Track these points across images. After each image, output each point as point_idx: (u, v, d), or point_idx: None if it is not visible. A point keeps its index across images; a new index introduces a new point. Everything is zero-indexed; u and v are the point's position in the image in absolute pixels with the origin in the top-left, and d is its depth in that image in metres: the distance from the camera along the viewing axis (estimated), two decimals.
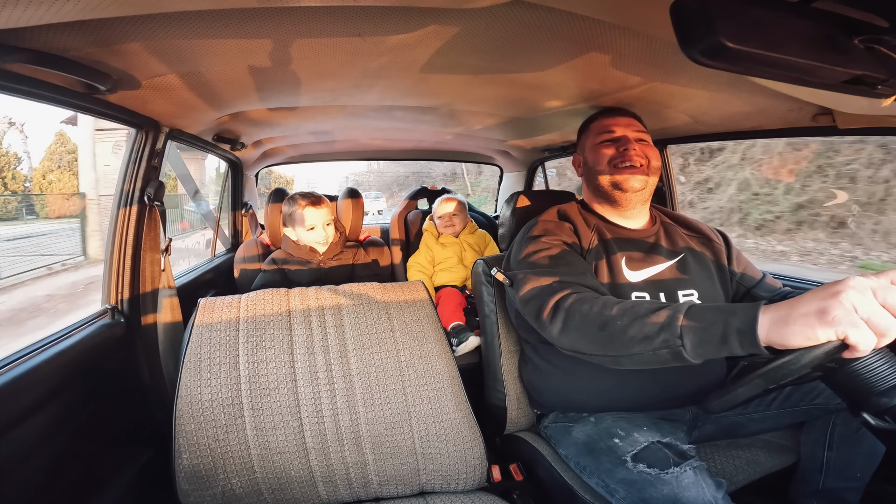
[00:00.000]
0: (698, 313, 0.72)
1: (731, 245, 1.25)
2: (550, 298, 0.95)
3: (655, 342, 0.74)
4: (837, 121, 1.14)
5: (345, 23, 0.84)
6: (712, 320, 0.69)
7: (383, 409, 1.09)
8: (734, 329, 0.65)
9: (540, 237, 1.13)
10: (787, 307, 0.61)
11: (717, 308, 0.71)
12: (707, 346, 0.69)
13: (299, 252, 1.83)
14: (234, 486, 1.00)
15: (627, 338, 0.78)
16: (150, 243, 1.38)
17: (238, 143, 1.99)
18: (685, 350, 0.71)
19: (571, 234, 1.16)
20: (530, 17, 0.80)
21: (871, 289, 0.56)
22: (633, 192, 1.15)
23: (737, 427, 1.16)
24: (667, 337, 0.73)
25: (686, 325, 0.71)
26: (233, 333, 1.12)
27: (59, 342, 1.10)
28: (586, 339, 0.86)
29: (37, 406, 0.97)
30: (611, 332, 0.81)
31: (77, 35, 0.79)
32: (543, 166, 2.86)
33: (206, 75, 1.08)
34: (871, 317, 0.54)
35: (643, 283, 1.11)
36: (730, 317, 0.67)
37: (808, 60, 0.56)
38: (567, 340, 0.89)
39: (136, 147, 1.33)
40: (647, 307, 0.79)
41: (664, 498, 0.85)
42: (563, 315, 0.90)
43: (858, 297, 0.55)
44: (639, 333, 0.77)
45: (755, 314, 0.64)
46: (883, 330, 0.54)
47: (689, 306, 0.74)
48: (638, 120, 1.22)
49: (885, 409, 0.60)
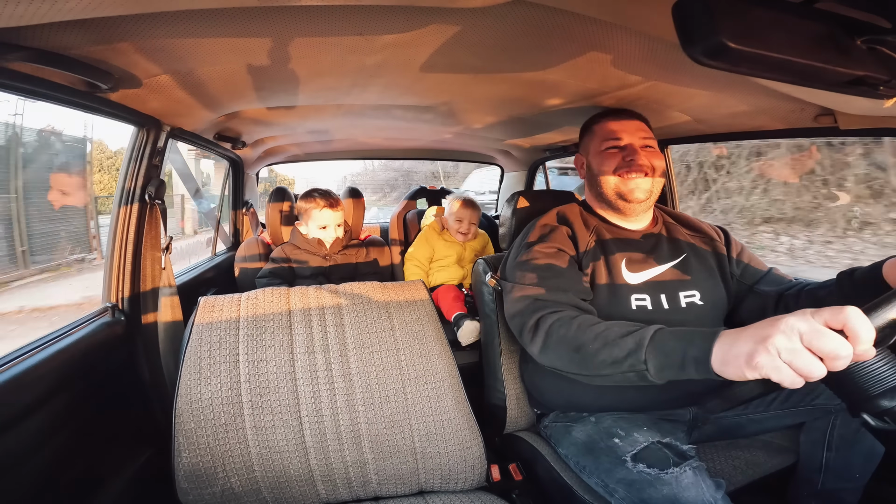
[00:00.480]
0: (661, 341, 0.78)
1: (732, 241, 1.24)
2: (531, 318, 1.01)
3: (623, 366, 0.81)
4: (839, 121, 1.13)
5: (345, 21, 0.84)
6: (672, 348, 0.75)
7: (383, 409, 1.09)
8: (691, 358, 0.71)
9: (533, 245, 1.14)
10: (730, 342, 0.66)
11: (679, 335, 0.76)
12: (668, 370, 0.76)
13: (307, 244, 1.95)
14: (234, 485, 1.00)
15: (598, 361, 0.85)
16: (150, 241, 1.38)
17: (239, 141, 1.99)
18: (649, 374, 0.78)
19: (567, 239, 1.16)
20: (531, 16, 0.80)
21: (798, 333, 0.57)
22: (637, 203, 1.15)
23: (737, 428, 1.16)
24: (633, 362, 0.79)
25: (650, 351, 0.78)
26: (233, 332, 1.12)
27: (60, 340, 1.10)
28: (562, 359, 0.94)
29: (37, 404, 0.97)
30: (584, 356, 0.88)
31: (79, 33, 0.79)
32: (544, 166, 2.86)
33: (208, 74, 1.08)
34: (793, 360, 0.57)
35: (643, 285, 1.11)
36: (688, 346, 0.72)
37: (811, 61, 0.56)
38: (546, 359, 0.98)
39: (137, 145, 1.33)
40: (617, 332, 0.85)
41: (664, 498, 0.85)
42: (542, 335, 0.97)
43: (784, 341, 0.58)
44: (608, 357, 0.83)
45: (710, 346, 0.68)
46: (805, 373, 0.57)
47: (655, 332, 0.79)
48: (645, 122, 1.21)
49: (885, 410, 0.60)
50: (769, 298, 1.13)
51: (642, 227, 1.22)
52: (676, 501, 0.84)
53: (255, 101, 1.42)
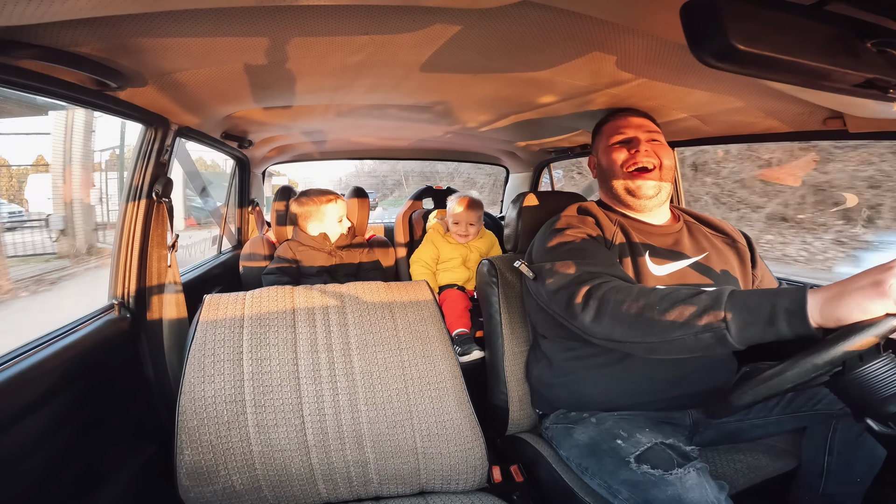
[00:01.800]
0: (742, 296, 0.71)
1: (755, 248, 1.24)
2: (582, 287, 0.94)
3: (697, 326, 0.73)
4: (848, 125, 1.12)
5: (353, 21, 0.84)
6: (758, 302, 0.68)
7: (385, 408, 1.09)
8: (782, 309, 0.65)
9: (564, 230, 1.13)
10: (840, 285, 0.62)
11: (761, 291, 0.71)
12: (753, 328, 0.68)
13: (311, 241, 1.97)
14: (235, 483, 1.00)
15: (667, 322, 0.77)
16: (157, 239, 1.39)
17: (246, 140, 2.00)
18: (730, 334, 0.70)
19: (595, 227, 1.15)
20: (537, 17, 0.80)
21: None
22: (647, 199, 1.15)
23: (738, 433, 1.15)
24: (710, 320, 0.72)
25: (730, 307, 0.71)
26: (237, 330, 1.12)
27: (66, 336, 1.11)
28: (622, 325, 0.84)
29: (42, 400, 0.98)
30: (649, 318, 0.80)
31: (89, 32, 0.79)
32: (549, 168, 2.85)
33: (216, 73, 1.09)
34: None
35: (667, 278, 1.11)
36: (777, 298, 0.67)
37: (820, 63, 0.55)
38: (600, 328, 0.88)
39: (146, 144, 1.34)
40: (686, 292, 0.78)
41: (668, 499, 0.85)
42: (596, 303, 0.89)
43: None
44: (680, 317, 0.75)
45: (803, 294, 0.64)
46: None
47: (731, 290, 0.73)
48: (650, 119, 1.22)
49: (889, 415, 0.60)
50: None
51: (663, 222, 1.22)
52: (681, 502, 0.83)
53: (263, 101, 1.43)
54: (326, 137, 2.40)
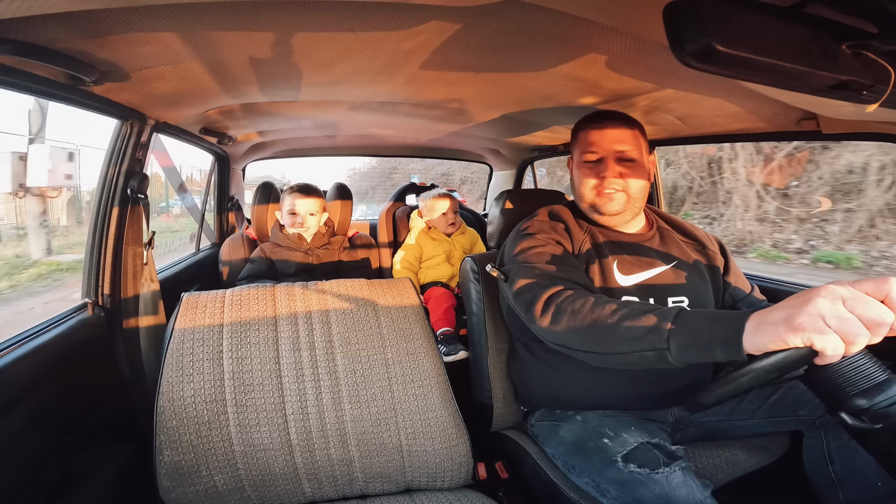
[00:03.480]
0: (687, 318, 0.73)
1: (729, 255, 1.25)
2: (543, 292, 0.95)
3: (643, 343, 0.75)
4: (822, 125, 1.16)
5: (337, 17, 0.83)
6: (699, 327, 0.70)
7: (369, 406, 1.09)
8: (719, 337, 0.67)
9: (534, 234, 1.13)
10: (763, 315, 0.62)
11: (705, 314, 0.72)
12: (691, 350, 0.71)
13: (287, 241, 1.95)
14: (217, 483, 0.99)
15: (616, 337, 0.79)
16: (132, 237, 1.36)
17: (225, 136, 1.96)
18: (670, 354, 0.72)
19: (564, 234, 1.16)
20: (523, 16, 0.80)
21: (841, 297, 0.56)
22: (611, 216, 1.15)
23: (720, 432, 1.17)
24: (654, 340, 0.74)
25: (674, 329, 0.72)
26: (216, 329, 1.10)
27: (37, 337, 1.07)
28: (575, 334, 0.86)
29: (13, 402, 0.95)
30: (599, 330, 0.82)
31: (63, 26, 0.77)
32: (533, 166, 2.87)
33: (194, 68, 1.06)
34: (839, 326, 0.55)
35: (633, 288, 1.11)
36: (716, 324, 0.68)
37: (797, 65, 0.56)
38: (555, 334, 0.90)
39: (121, 139, 1.30)
40: (637, 308, 0.80)
41: (655, 497, 0.86)
42: (553, 309, 0.91)
43: (828, 305, 0.56)
44: (627, 334, 0.77)
45: (741, 324, 0.65)
46: (851, 338, 0.55)
47: (679, 311, 0.75)
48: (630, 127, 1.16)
49: (861, 409, 0.61)
50: None
51: (636, 230, 1.21)
52: (668, 501, 0.85)
53: (243, 97, 1.40)
54: (309, 134, 2.37)
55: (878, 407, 0.60)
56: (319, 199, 1.98)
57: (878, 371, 0.61)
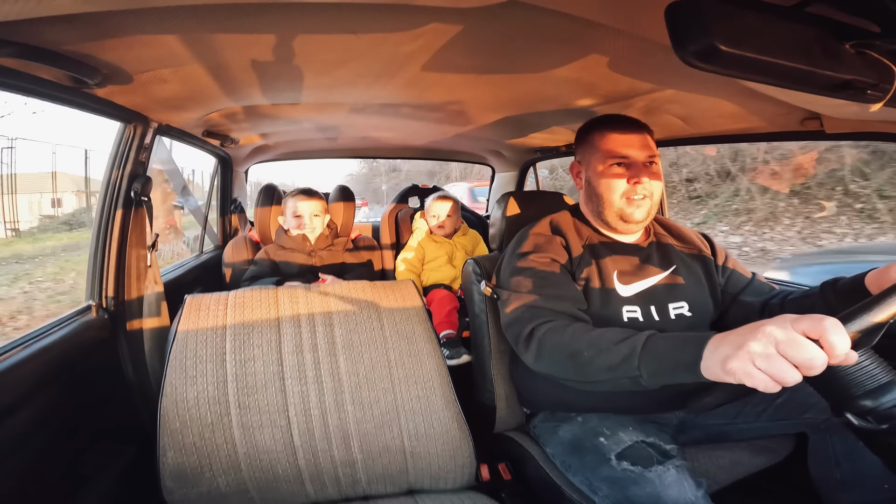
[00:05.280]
0: (653, 347, 0.79)
1: (716, 249, 1.24)
2: (526, 327, 1.01)
3: (618, 372, 0.82)
4: (825, 125, 1.15)
5: (340, 20, 0.83)
6: (664, 354, 0.77)
7: (372, 408, 1.08)
8: (682, 363, 0.72)
9: (528, 255, 1.13)
10: (714, 346, 0.67)
11: (670, 341, 0.77)
12: (660, 376, 0.77)
13: (291, 242, 1.97)
14: (221, 485, 0.99)
15: (594, 368, 0.87)
16: (136, 239, 1.36)
17: (228, 139, 1.97)
18: (643, 379, 0.79)
19: (561, 249, 1.15)
20: (525, 17, 0.80)
21: (775, 340, 0.58)
22: (636, 223, 1.14)
23: (724, 436, 1.17)
24: (627, 368, 0.81)
25: (643, 357, 0.79)
26: (219, 331, 1.10)
27: (41, 339, 1.08)
28: (558, 366, 0.95)
29: (18, 404, 0.95)
30: (579, 363, 0.89)
31: (67, 29, 0.77)
32: (535, 167, 2.87)
33: (197, 70, 1.07)
34: (768, 368, 0.58)
35: (634, 297, 1.11)
36: (679, 352, 0.74)
37: (800, 64, 0.56)
38: (541, 368, 0.98)
39: (124, 141, 1.31)
40: (610, 338, 0.86)
41: (646, 496, 0.86)
42: (536, 343, 0.98)
43: (759, 347, 0.59)
44: (604, 364, 0.85)
45: (700, 351, 0.69)
46: (779, 379, 0.58)
47: (647, 338, 0.81)
48: (649, 133, 1.15)
49: (867, 410, 0.61)
50: (753, 309, 1.14)
51: (635, 239, 1.21)
52: (658, 499, 0.85)
53: (246, 99, 1.40)
54: (311, 136, 2.37)
55: (883, 407, 0.60)
56: (321, 202, 2.02)
57: (883, 372, 0.61)
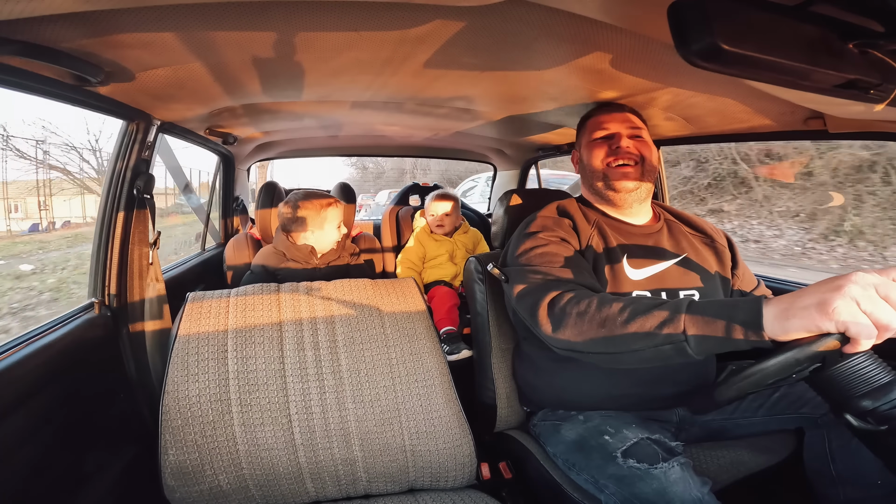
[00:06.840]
0: (701, 308, 0.71)
1: (735, 249, 1.24)
2: (545, 296, 0.93)
3: (658, 338, 0.74)
4: (828, 125, 1.14)
5: (341, 18, 0.83)
6: (716, 313, 0.69)
7: (373, 406, 1.09)
8: (739, 322, 0.65)
9: (537, 233, 1.12)
10: (790, 300, 0.61)
11: (720, 302, 0.71)
12: (711, 339, 0.69)
13: (296, 253, 1.57)
14: (222, 482, 0.99)
15: (628, 335, 0.77)
16: (138, 237, 1.37)
17: (231, 136, 1.97)
18: (689, 345, 0.71)
19: (570, 231, 1.14)
20: (527, 15, 0.80)
21: (872, 284, 0.56)
22: (627, 193, 1.15)
23: (723, 431, 1.17)
24: (670, 332, 0.72)
25: (690, 319, 0.71)
26: (221, 328, 1.10)
27: (44, 336, 1.08)
28: (583, 336, 0.84)
29: (20, 401, 0.96)
30: (610, 330, 0.80)
31: (70, 27, 0.77)
32: (537, 165, 2.87)
33: (200, 68, 1.07)
34: (874, 310, 0.55)
35: (644, 282, 1.10)
36: (733, 310, 0.67)
37: (803, 64, 0.56)
38: (562, 339, 0.87)
39: (127, 139, 1.31)
40: (647, 303, 0.78)
41: (653, 492, 0.86)
42: (557, 313, 0.89)
43: (860, 290, 0.56)
44: (640, 329, 0.76)
45: (759, 307, 0.64)
46: (885, 323, 0.55)
47: (690, 302, 0.74)
48: (635, 114, 1.22)
49: (867, 411, 0.61)
50: None
51: (643, 222, 1.21)
52: (665, 495, 0.84)
53: (248, 97, 1.40)
54: (313, 133, 2.37)
55: (883, 408, 0.60)
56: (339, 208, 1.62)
57: (883, 373, 0.61)
